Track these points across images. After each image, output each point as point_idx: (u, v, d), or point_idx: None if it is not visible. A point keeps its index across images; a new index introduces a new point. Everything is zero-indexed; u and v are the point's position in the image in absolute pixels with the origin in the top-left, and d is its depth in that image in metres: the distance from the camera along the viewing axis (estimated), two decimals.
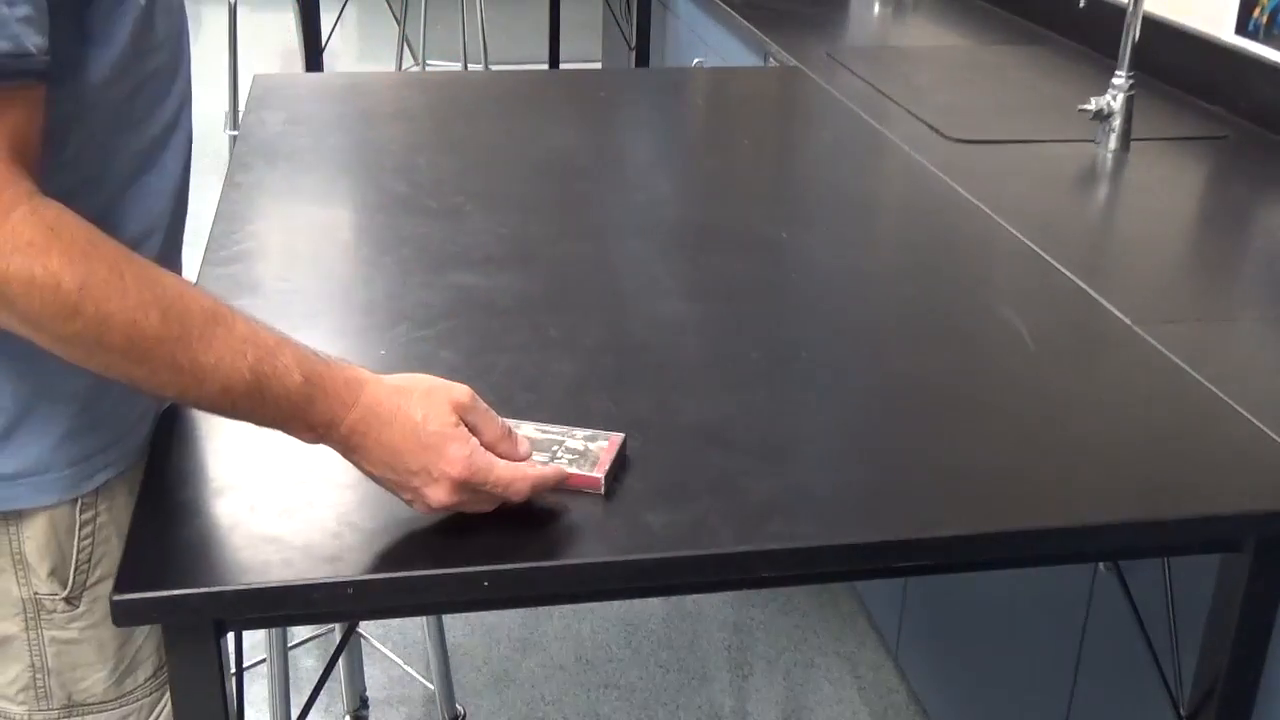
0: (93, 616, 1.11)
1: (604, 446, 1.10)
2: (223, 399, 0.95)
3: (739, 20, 2.94)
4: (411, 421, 0.98)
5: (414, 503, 1.01)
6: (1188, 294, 1.54)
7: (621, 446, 1.11)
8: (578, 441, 1.11)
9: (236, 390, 0.94)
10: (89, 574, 1.10)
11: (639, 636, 2.46)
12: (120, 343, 0.90)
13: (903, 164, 1.94)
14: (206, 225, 1.57)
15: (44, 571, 1.08)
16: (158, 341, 0.91)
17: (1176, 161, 2.00)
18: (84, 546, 1.09)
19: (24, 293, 0.88)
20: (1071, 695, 1.67)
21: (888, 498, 1.09)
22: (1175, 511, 1.09)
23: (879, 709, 2.30)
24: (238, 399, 0.95)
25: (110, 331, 0.90)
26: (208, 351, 0.93)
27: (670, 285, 1.47)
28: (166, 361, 0.92)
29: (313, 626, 2.32)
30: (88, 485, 1.08)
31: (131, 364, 0.92)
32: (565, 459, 1.08)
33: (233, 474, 1.07)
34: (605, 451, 1.09)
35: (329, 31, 3.90)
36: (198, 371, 0.93)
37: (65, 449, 1.06)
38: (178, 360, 0.92)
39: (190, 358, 0.92)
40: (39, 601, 1.09)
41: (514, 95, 2.20)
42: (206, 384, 0.94)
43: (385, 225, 1.61)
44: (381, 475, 1.00)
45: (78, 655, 1.11)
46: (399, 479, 0.99)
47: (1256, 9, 2.14)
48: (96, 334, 0.90)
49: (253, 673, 2.27)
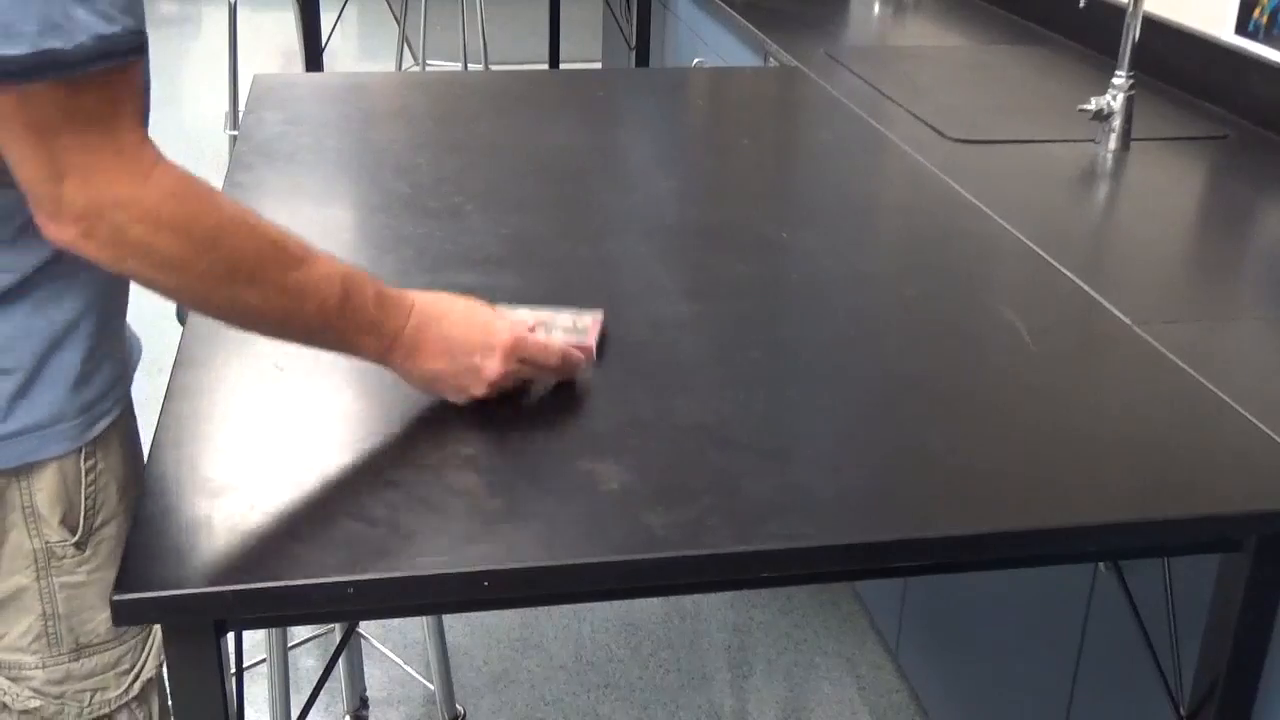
0: (99, 558, 1.17)
1: (589, 323, 1.29)
2: (317, 316, 1.07)
3: (739, 20, 2.94)
4: (459, 311, 1.16)
5: (471, 386, 1.15)
6: (1188, 294, 1.54)
7: (603, 321, 1.32)
8: (566, 319, 1.30)
9: (330, 305, 1.07)
10: (94, 518, 1.16)
11: (639, 636, 2.46)
12: (247, 272, 1.02)
13: (903, 164, 1.94)
14: None
15: (55, 520, 1.14)
16: (276, 266, 1.04)
17: (1176, 161, 2.00)
18: (90, 493, 1.15)
19: (171, 230, 0.98)
20: (1071, 695, 1.67)
21: (888, 498, 1.09)
22: (1175, 511, 1.09)
23: (879, 709, 2.30)
24: (330, 314, 1.07)
25: (241, 262, 1.02)
26: (309, 272, 1.06)
27: (670, 285, 1.47)
28: (278, 285, 1.04)
29: (313, 626, 2.32)
30: (91, 433, 1.14)
31: (252, 290, 1.03)
32: (559, 334, 1.26)
33: (233, 474, 1.07)
34: (592, 326, 1.29)
35: (329, 31, 3.90)
36: (303, 290, 1.06)
37: (74, 399, 1.12)
38: (287, 282, 1.05)
39: (296, 278, 1.05)
40: (50, 550, 1.15)
41: (514, 95, 2.20)
42: (308, 301, 1.06)
43: (385, 225, 1.61)
44: (440, 369, 1.14)
45: (85, 597, 1.17)
46: (458, 366, 1.15)
47: (1256, 9, 2.14)
48: (230, 266, 1.01)
49: (253, 673, 2.27)
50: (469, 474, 1.09)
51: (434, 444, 1.13)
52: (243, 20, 3.60)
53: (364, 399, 1.20)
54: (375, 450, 1.12)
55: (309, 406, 1.19)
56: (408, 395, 1.21)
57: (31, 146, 0.96)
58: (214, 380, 1.22)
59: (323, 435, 1.14)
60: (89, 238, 0.98)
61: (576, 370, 1.23)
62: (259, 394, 1.20)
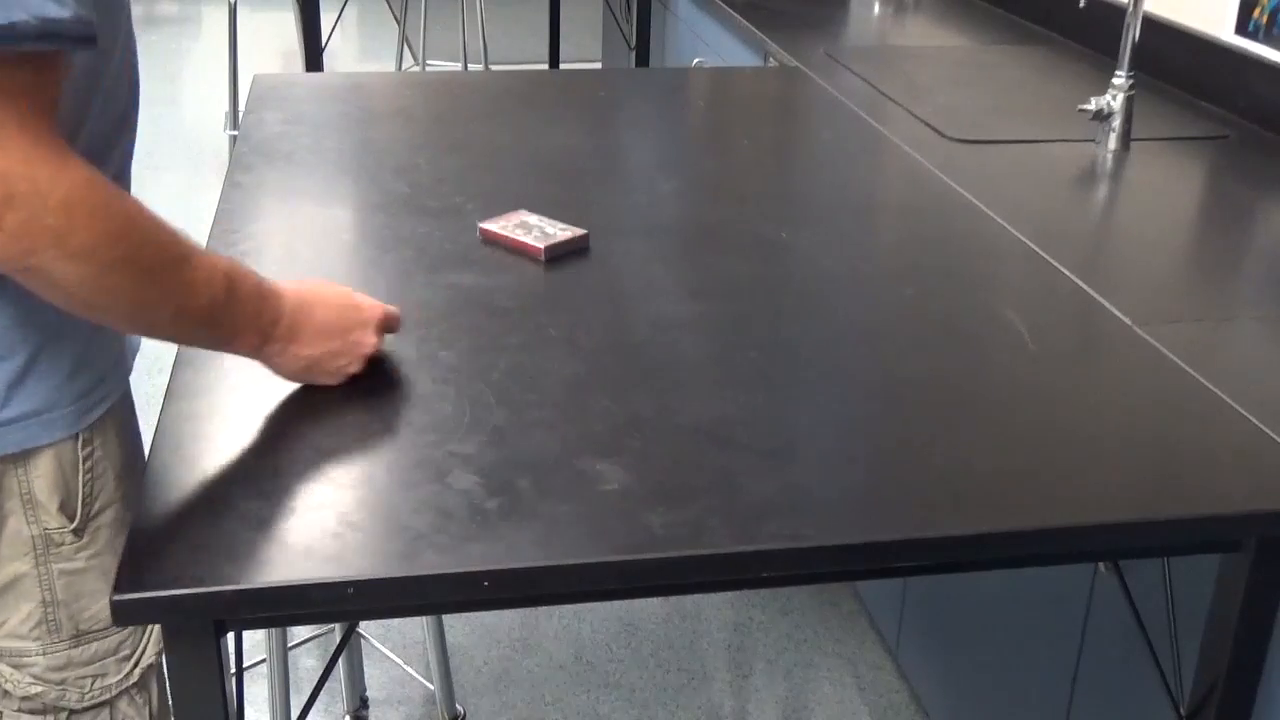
0: (96, 545, 1.18)
1: (564, 233, 1.53)
2: (207, 311, 1.06)
3: (739, 20, 2.94)
4: (328, 294, 1.19)
5: (349, 364, 1.19)
6: (1188, 294, 1.54)
7: (581, 238, 1.53)
8: (550, 227, 1.55)
9: (218, 300, 1.06)
10: (92, 505, 1.17)
11: (639, 636, 2.46)
12: (148, 264, 1.01)
13: (903, 164, 1.94)
14: (206, 225, 1.57)
15: (53, 507, 1.15)
16: (174, 260, 1.03)
17: (1176, 161, 2.00)
18: (87, 480, 1.16)
19: (87, 217, 0.96)
20: (1071, 695, 1.67)
21: (888, 498, 1.09)
22: (1175, 511, 1.09)
23: (879, 709, 2.30)
24: (218, 309, 1.06)
25: (145, 253, 1.00)
26: (198, 266, 1.04)
27: (670, 285, 1.47)
28: (176, 279, 1.03)
29: (313, 626, 2.32)
30: (89, 418, 1.15)
31: (152, 283, 1.02)
32: (535, 233, 1.52)
33: (233, 474, 1.07)
34: (563, 235, 1.51)
35: (329, 31, 3.90)
36: (196, 285, 1.04)
37: (70, 385, 1.13)
38: (183, 276, 1.03)
39: (191, 273, 1.04)
40: (48, 537, 1.16)
41: (514, 95, 2.20)
42: (199, 296, 1.05)
43: (385, 225, 1.61)
44: (317, 354, 1.16)
45: (84, 584, 1.18)
46: (337, 344, 1.17)
47: (1256, 9, 2.14)
48: (135, 257, 0.99)
49: (253, 673, 2.27)
50: (469, 474, 1.09)
51: (434, 444, 1.13)
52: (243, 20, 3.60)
53: (364, 399, 1.20)
54: (375, 450, 1.12)
55: (309, 406, 1.19)
56: (408, 395, 1.21)
57: None
58: (214, 380, 1.22)
59: (322, 435, 1.14)
60: None
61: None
62: (259, 394, 1.20)
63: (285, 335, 1.14)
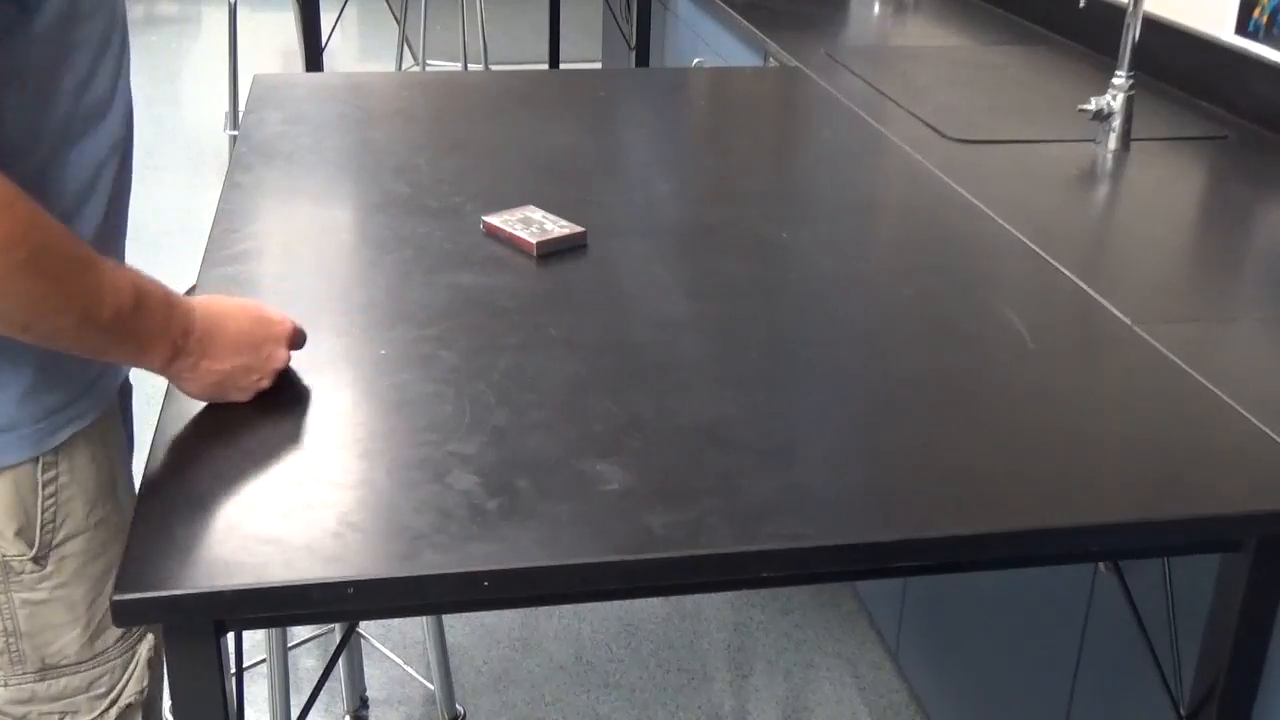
0: (61, 576, 1.13)
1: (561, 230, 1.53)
2: (113, 321, 1.01)
3: (739, 20, 2.94)
4: (238, 308, 1.15)
5: (261, 379, 1.15)
6: (1187, 294, 1.54)
7: (578, 235, 1.53)
8: (550, 224, 1.55)
9: (124, 309, 1.02)
10: (54, 533, 1.12)
11: (639, 636, 2.46)
12: (53, 268, 0.96)
13: (903, 164, 1.94)
14: (206, 225, 1.57)
15: (10, 533, 1.09)
16: (79, 265, 0.98)
17: (1176, 161, 2.00)
18: (48, 506, 1.11)
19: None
20: (1071, 695, 1.67)
21: (888, 498, 1.09)
22: (1175, 511, 1.09)
23: (879, 709, 2.30)
24: (124, 318, 1.02)
25: (47, 257, 0.96)
26: (103, 273, 1.00)
27: (670, 285, 1.47)
28: (79, 284, 0.98)
29: (313, 626, 2.32)
30: (52, 441, 1.10)
31: (52, 289, 0.97)
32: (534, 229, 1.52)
33: (233, 474, 1.07)
34: (559, 232, 1.52)
35: (329, 31, 3.90)
36: (101, 292, 1.00)
37: (29, 405, 1.08)
38: (87, 281, 0.99)
39: (96, 279, 0.99)
40: (7, 564, 1.10)
41: (514, 95, 2.20)
42: (104, 305, 1.00)
43: (385, 225, 1.61)
44: (228, 368, 1.12)
45: (49, 616, 1.13)
46: (249, 359, 1.14)
47: (1256, 9, 2.14)
48: (37, 260, 0.95)
49: (253, 673, 2.27)
50: (469, 474, 1.09)
51: (434, 444, 1.13)
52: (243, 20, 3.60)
53: (364, 399, 1.20)
54: (375, 450, 1.12)
55: (309, 406, 1.19)
56: (408, 395, 1.21)
57: None
58: None
59: (322, 435, 1.14)
60: None
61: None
62: (259, 393, 1.19)
63: (197, 348, 1.09)
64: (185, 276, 1.53)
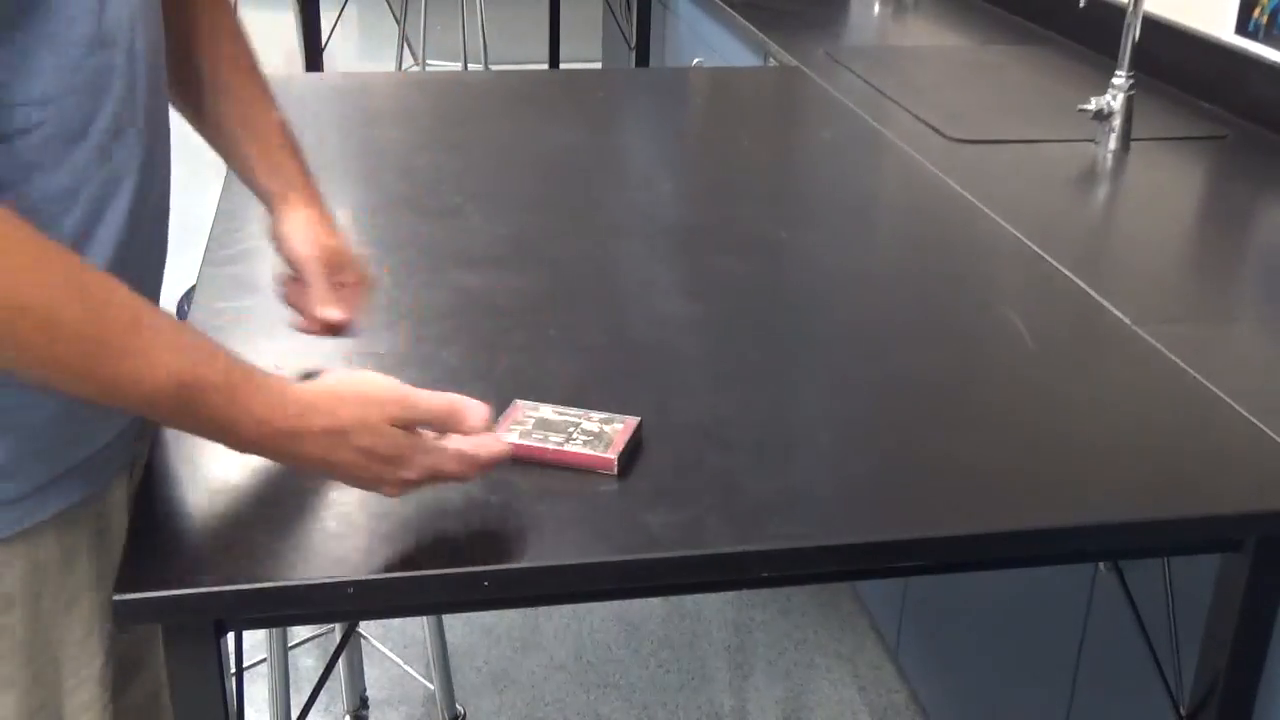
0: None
1: (619, 429, 1.12)
2: (148, 407, 0.89)
3: (739, 20, 2.94)
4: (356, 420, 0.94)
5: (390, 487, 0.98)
6: (1188, 294, 1.54)
7: (637, 429, 1.13)
8: (593, 424, 1.13)
9: (160, 400, 0.88)
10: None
11: (639, 636, 2.46)
12: (35, 338, 0.83)
13: (903, 164, 1.94)
14: (206, 225, 1.57)
15: None
16: (77, 340, 0.84)
17: (1176, 161, 2.00)
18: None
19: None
20: (1071, 695, 1.67)
21: (888, 498, 1.09)
22: (1175, 511, 1.09)
23: (879, 709, 2.30)
24: (161, 408, 0.89)
25: (25, 320, 0.82)
26: (130, 355, 0.86)
27: (670, 285, 1.47)
28: (83, 365, 0.85)
29: (313, 626, 2.32)
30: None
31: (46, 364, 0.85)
32: (580, 440, 1.10)
33: (233, 474, 1.07)
34: (620, 434, 1.11)
35: (329, 31, 3.90)
36: (119, 378, 0.86)
37: None
38: (97, 362, 0.85)
39: (112, 361, 0.86)
40: None
41: (514, 95, 2.20)
42: (129, 390, 0.87)
43: (385, 225, 1.61)
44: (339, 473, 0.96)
45: None
46: (365, 474, 0.96)
47: (1256, 9, 2.14)
48: (10, 324, 0.82)
49: (253, 673, 2.27)
50: None
51: None
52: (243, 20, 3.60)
53: None
54: None
55: None
56: None
57: None
58: None
59: None
60: None
61: (488, 467, 1.00)
62: None
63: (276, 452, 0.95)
64: (185, 276, 1.53)
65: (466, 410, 0.98)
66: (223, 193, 1.69)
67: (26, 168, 0.91)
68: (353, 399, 0.94)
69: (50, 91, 0.91)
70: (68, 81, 0.92)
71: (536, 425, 1.12)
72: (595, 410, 1.15)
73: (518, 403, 1.16)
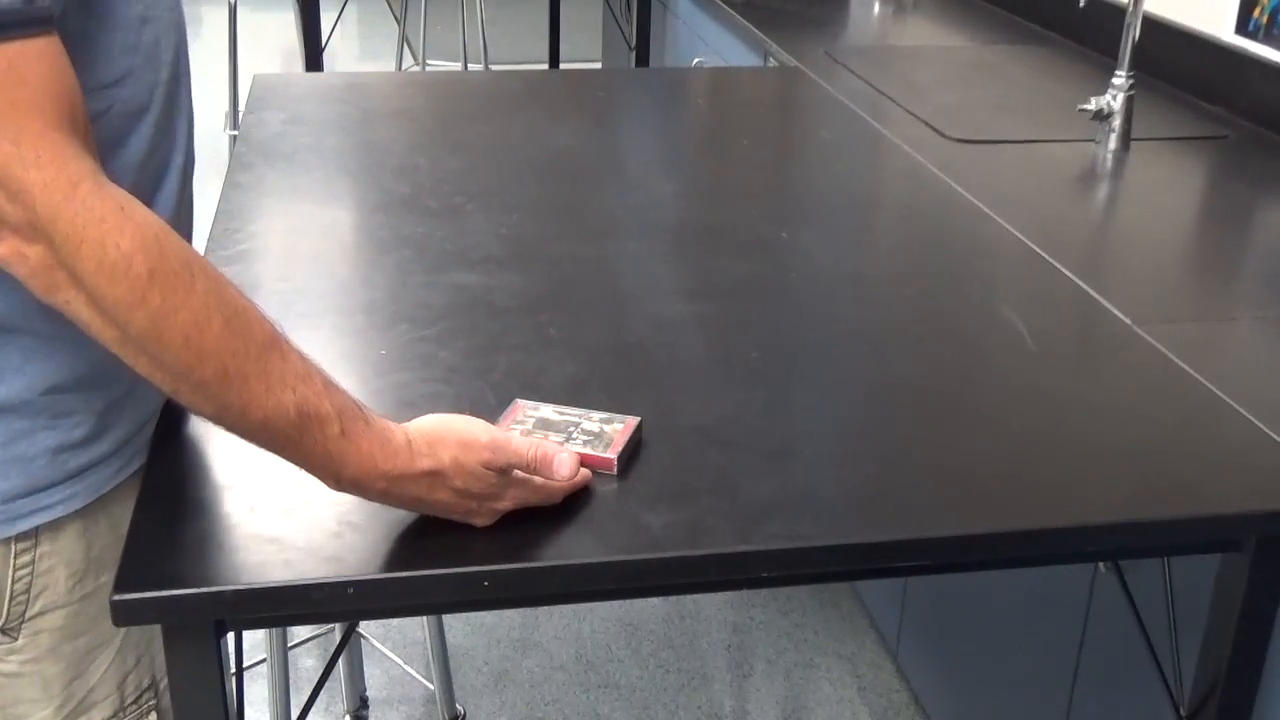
0: (35, 650, 1.05)
1: (619, 429, 1.13)
2: (260, 430, 0.89)
3: (739, 20, 2.94)
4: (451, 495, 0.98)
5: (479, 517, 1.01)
6: (1188, 294, 1.54)
7: (636, 429, 1.13)
8: (594, 424, 1.13)
9: (276, 425, 0.89)
10: (27, 605, 1.04)
11: (639, 636, 2.46)
12: (177, 343, 0.84)
13: (903, 164, 1.94)
14: (206, 225, 1.57)
15: None
16: (214, 352, 0.85)
17: (1176, 161, 2.00)
18: (20, 577, 1.03)
19: (94, 270, 0.82)
20: (1071, 695, 1.67)
21: (888, 498, 1.09)
22: (1175, 511, 1.09)
23: (879, 709, 2.30)
24: (275, 434, 0.90)
25: (170, 329, 0.84)
26: (261, 376, 0.87)
27: (670, 285, 1.47)
28: (218, 375, 0.86)
29: (313, 626, 2.32)
30: (20, 526, 1.01)
31: (180, 370, 0.86)
32: (580, 440, 1.11)
33: (233, 474, 1.07)
34: (620, 434, 1.12)
35: (329, 31, 3.91)
36: (245, 393, 0.87)
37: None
38: (229, 375, 0.86)
39: (242, 376, 0.86)
40: None
41: (514, 95, 2.20)
42: (250, 410, 0.88)
43: (385, 225, 1.61)
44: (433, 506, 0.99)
45: (19, 690, 1.06)
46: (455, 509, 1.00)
47: (1256, 9, 2.14)
48: (157, 329, 0.84)
49: (253, 673, 2.27)
50: None
51: None
52: (243, 20, 3.59)
53: (364, 399, 1.20)
54: None
55: None
56: (408, 395, 1.21)
57: None
58: None
59: None
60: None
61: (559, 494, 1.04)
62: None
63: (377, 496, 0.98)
64: None
65: (558, 463, 1.02)
66: (223, 193, 1.69)
67: (111, 144, 0.96)
68: (453, 443, 0.97)
69: (118, 71, 0.97)
70: (130, 59, 0.97)
71: (537, 425, 1.13)
72: (595, 410, 1.16)
73: (518, 402, 1.16)
